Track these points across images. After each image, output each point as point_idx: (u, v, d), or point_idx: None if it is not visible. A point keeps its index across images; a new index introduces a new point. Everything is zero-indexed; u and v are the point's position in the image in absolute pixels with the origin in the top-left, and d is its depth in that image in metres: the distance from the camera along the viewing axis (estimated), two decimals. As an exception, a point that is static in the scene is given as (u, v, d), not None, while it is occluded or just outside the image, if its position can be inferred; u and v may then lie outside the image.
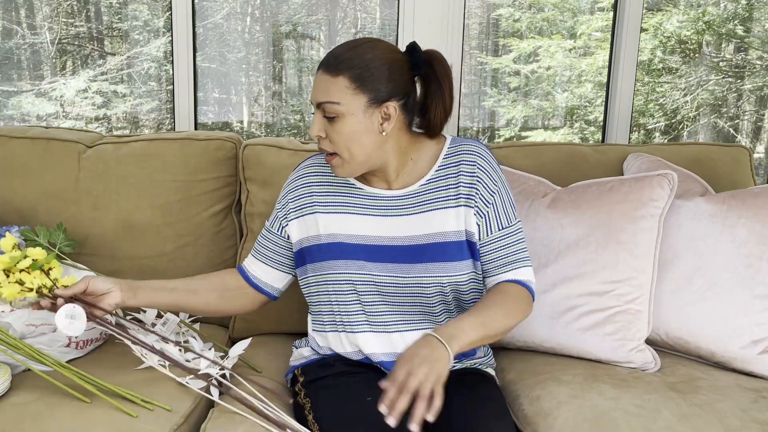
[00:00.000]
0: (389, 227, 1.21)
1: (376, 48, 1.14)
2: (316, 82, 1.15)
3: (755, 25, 3.41)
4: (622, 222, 1.46)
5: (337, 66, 1.12)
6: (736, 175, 1.77)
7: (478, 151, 1.23)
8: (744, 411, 1.22)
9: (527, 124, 3.30)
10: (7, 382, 1.17)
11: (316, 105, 1.15)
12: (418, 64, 1.18)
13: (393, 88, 1.14)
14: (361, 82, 1.12)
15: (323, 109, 1.14)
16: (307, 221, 1.25)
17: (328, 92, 1.13)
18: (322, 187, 1.26)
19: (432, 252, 1.19)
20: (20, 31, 3.00)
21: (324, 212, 1.24)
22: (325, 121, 1.14)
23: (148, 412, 1.14)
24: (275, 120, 3.08)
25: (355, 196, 1.24)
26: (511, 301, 1.17)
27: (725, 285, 1.43)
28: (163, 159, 1.65)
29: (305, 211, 1.26)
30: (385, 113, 1.14)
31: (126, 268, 1.60)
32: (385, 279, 1.19)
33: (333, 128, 1.14)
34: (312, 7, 3.03)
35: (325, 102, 1.13)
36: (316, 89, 1.15)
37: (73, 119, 3.06)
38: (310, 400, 1.19)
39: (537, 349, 1.49)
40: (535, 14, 3.25)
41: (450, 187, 1.21)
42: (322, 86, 1.14)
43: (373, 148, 1.16)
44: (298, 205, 1.27)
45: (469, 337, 1.05)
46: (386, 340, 1.22)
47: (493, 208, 1.21)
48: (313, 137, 1.17)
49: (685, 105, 3.43)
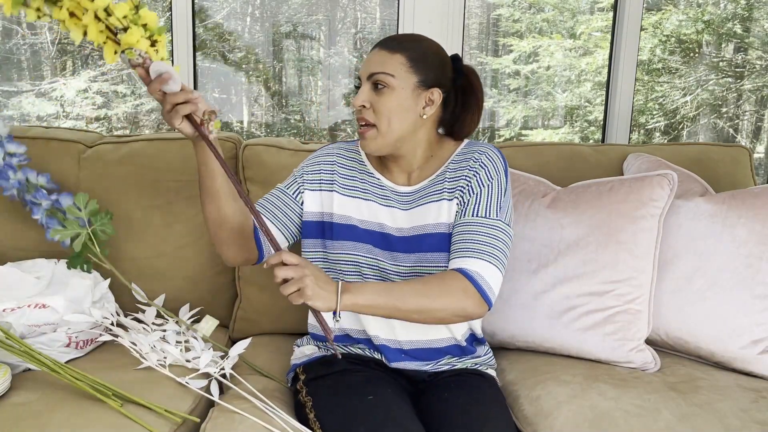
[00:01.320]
0: (398, 219, 1.26)
1: (432, 42, 1.24)
2: (371, 58, 1.20)
3: (755, 25, 3.41)
4: (622, 222, 1.46)
5: (396, 46, 1.20)
6: (736, 175, 1.77)
7: (488, 152, 1.25)
8: (744, 411, 1.22)
9: (527, 124, 3.30)
10: (7, 382, 1.17)
11: (367, 77, 1.19)
12: (459, 71, 1.27)
13: (441, 78, 1.22)
14: (416, 63, 1.19)
15: (374, 81, 1.18)
16: (324, 196, 1.29)
17: (384, 64, 1.18)
18: (345, 170, 1.31)
19: (428, 243, 1.23)
20: (20, 31, 3.00)
21: (342, 193, 1.28)
22: (372, 93, 1.19)
23: (148, 412, 1.14)
24: (275, 120, 3.08)
25: (373, 185, 1.29)
26: (436, 283, 1.11)
27: (725, 285, 1.43)
28: (163, 159, 1.65)
29: (325, 186, 1.29)
30: (430, 98, 1.21)
31: (126, 268, 1.60)
32: (389, 266, 1.24)
33: (380, 99, 1.18)
34: (312, 7, 3.03)
35: (379, 72, 1.18)
36: (370, 63, 1.20)
37: (73, 119, 3.06)
38: (311, 398, 1.19)
39: (537, 350, 1.49)
40: (535, 14, 3.25)
41: (451, 180, 1.24)
42: (377, 59, 1.19)
43: (410, 127, 1.21)
44: (321, 178, 1.30)
45: (367, 298, 1.06)
46: (386, 325, 1.26)
47: (476, 197, 1.21)
48: (357, 106, 1.21)
49: (685, 105, 3.43)
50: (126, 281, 1.46)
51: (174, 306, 1.49)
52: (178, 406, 1.17)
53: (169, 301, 1.53)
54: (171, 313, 1.45)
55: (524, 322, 1.48)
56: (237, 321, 1.64)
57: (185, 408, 1.19)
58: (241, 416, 1.14)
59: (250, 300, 1.63)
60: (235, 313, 1.65)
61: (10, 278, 1.38)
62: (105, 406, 1.13)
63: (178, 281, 1.61)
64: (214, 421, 1.15)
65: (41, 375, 1.23)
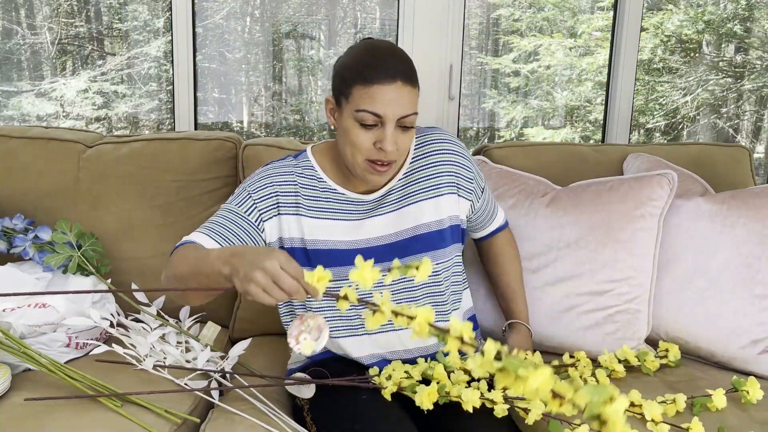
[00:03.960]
0: (375, 228, 1.22)
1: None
2: (399, 97, 1.08)
3: (755, 25, 3.40)
4: (621, 221, 1.46)
5: (413, 76, 1.11)
6: (736, 175, 1.77)
7: (445, 137, 1.27)
8: (744, 411, 1.22)
9: (527, 125, 3.30)
10: (7, 382, 1.17)
11: (397, 119, 1.09)
12: None
13: None
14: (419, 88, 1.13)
15: (404, 123, 1.10)
16: (290, 221, 1.20)
17: (412, 104, 1.10)
18: (308, 191, 1.22)
19: (417, 244, 1.22)
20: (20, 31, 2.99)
21: (309, 216, 1.20)
22: (398, 132, 1.11)
23: (148, 412, 1.14)
24: (275, 120, 3.08)
25: (340, 202, 1.22)
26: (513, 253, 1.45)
27: (725, 285, 1.43)
28: (163, 159, 1.65)
29: (290, 210, 1.20)
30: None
31: (126, 268, 1.60)
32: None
33: (404, 137, 1.12)
34: (312, 7, 3.03)
35: (410, 114, 1.10)
36: (400, 104, 1.08)
37: (73, 119, 3.06)
38: (308, 400, 1.19)
39: (537, 349, 1.49)
40: (535, 14, 3.25)
41: (428, 177, 1.24)
42: (406, 100, 1.09)
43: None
44: (285, 201, 1.20)
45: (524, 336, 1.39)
46: (370, 342, 1.23)
47: (476, 184, 1.29)
48: (389, 150, 1.10)
49: (685, 105, 3.43)
50: (129, 299, 1.47)
51: (174, 306, 1.48)
52: (177, 407, 1.17)
53: (169, 301, 1.53)
54: (171, 322, 1.45)
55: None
56: (237, 321, 1.64)
57: (185, 408, 1.19)
58: (241, 417, 1.14)
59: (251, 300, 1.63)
60: (235, 314, 1.65)
61: (10, 278, 1.38)
62: (105, 407, 1.13)
63: (178, 281, 1.61)
64: (213, 421, 1.15)
65: (41, 375, 1.23)
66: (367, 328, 0.87)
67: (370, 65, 1.08)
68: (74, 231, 1.45)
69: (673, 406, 1.19)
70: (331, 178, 1.23)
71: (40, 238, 1.43)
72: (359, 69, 1.09)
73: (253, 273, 0.87)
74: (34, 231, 1.44)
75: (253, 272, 0.87)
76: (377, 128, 1.10)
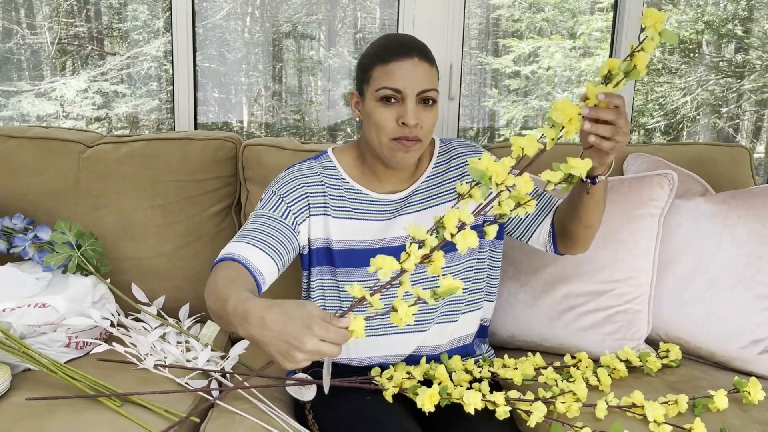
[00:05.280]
0: (400, 228, 1.22)
1: None
2: (416, 71, 1.12)
3: (755, 25, 3.41)
4: (621, 221, 1.45)
5: (430, 56, 1.16)
6: (736, 175, 1.77)
7: (468, 143, 1.30)
8: (744, 411, 1.22)
9: (527, 124, 3.30)
10: (7, 382, 1.17)
11: (417, 93, 1.12)
12: None
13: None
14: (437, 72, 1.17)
15: (423, 97, 1.13)
16: (318, 222, 1.22)
17: (431, 81, 1.14)
18: (334, 191, 1.23)
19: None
20: (20, 31, 2.99)
21: (336, 216, 1.22)
22: (420, 109, 1.14)
23: (148, 412, 1.14)
24: (275, 120, 3.08)
25: (364, 203, 1.23)
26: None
27: (725, 285, 1.43)
28: (163, 159, 1.65)
29: (318, 211, 1.22)
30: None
31: (126, 268, 1.60)
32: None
33: (426, 115, 1.14)
34: (312, 7, 3.03)
35: (429, 89, 1.14)
36: (417, 78, 1.12)
37: (73, 119, 3.06)
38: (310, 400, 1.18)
39: (537, 349, 1.49)
40: (535, 14, 3.25)
41: (452, 180, 1.25)
42: (424, 75, 1.13)
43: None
44: (315, 202, 1.21)
45: None
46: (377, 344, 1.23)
47: None
48: (411, 125, 1.12)
49: (685, 105, 3.43)
50: (129, 299, 1.46)
51: (174, 306, 1.49)
52: (178, 407, 1.17)
53: (169, 301, 1.53)
54: (171, 322, 1.45)
55: (524, 322, 1.48)
56: (237, 321, 1.64)
57: (185, 408, 1.19)
58: (241, 417, 1.14)
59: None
60: (235, 313, 1.64)
61: (10, 278, 1.38)
62: (105, 407, 1.13)
63: (178, 281, 1.61)
64: (214, 421, 1.15)
65: (41, 375, 1.23)
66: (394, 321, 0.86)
67: (387, 47, 1.14)
68: (73, 231, 1.45)
69: (675, 407, 1.18)
70: (354, 179, 1.24)
71: (39, 238, 1.43)
72: (377, 52, 1.15)
73: (295, 354, 0.82)
74: (33, 231, 1.43)
75: (293, 353, 0.82)
76: (399, 105, 1.13)
